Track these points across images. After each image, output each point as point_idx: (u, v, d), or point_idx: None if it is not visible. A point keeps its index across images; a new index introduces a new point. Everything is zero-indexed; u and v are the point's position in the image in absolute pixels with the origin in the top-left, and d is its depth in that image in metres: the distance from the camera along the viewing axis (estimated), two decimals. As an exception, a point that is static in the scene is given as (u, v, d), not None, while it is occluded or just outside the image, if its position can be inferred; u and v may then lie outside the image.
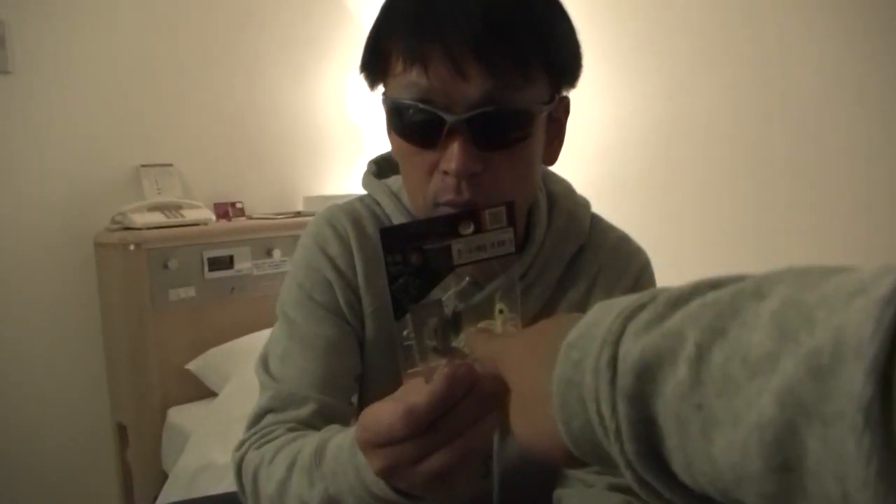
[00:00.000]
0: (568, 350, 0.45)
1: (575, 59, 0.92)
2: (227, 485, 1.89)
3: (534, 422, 0.50)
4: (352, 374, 1.02)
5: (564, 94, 0.95)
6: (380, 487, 0.71)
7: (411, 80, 0.84)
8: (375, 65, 0.91)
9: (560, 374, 0.45)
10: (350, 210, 1.06)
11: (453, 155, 0.84)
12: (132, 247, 2.56)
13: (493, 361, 0.59)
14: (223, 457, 2.18)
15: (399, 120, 0.89)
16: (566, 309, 1.03)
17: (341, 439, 0.79)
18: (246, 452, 0.95)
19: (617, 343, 0.41)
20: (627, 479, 0.42)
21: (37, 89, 2.64)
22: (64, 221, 2.71)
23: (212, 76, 3.04)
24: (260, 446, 0.93)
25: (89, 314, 2.76)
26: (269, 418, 0.97)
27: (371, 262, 1.02)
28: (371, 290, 1.02)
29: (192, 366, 2.64)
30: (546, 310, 1.03)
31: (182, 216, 2.74)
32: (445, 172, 0.86)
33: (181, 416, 2.59)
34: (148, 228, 2.62)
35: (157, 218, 2.69)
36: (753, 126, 2.34)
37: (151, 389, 2.62)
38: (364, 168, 1.12)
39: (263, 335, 2.64)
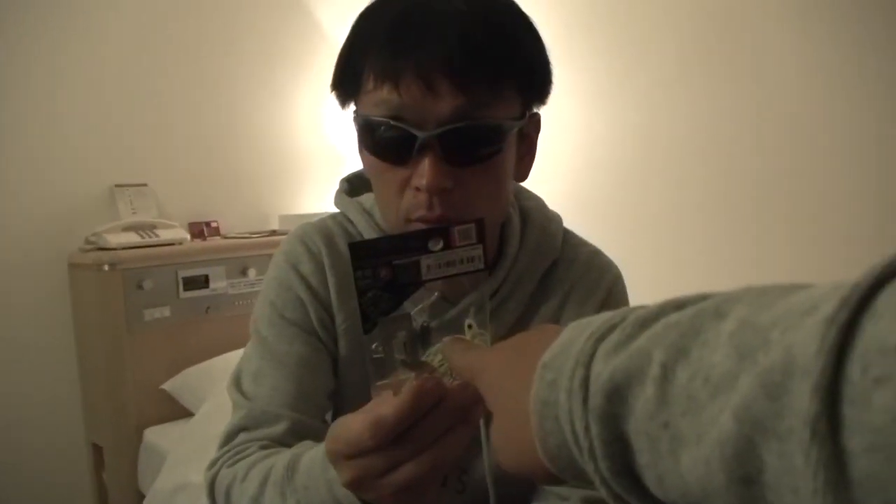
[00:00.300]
0: (543, 370, 0.46)
1: (545, 77, 0.93)
2: (204, 504, 1.88)
3: (513, 438, 0.51)
4: (325, 391, 1.02)
5: (535, 110, 0.96)
6: (349, 500, 0.72)
7: (382, 97, 0.85)
8: (347, 83, 0.91)
9: (536, 394, 0.46)
10: (322, 227, 1.07)
11: (424, 171, 0.85)
12: (106, 267, 2.55)
13: (471, 373, 0.60)
14: (200, 476, 2.12)
15: (370, 137, 0.90)
16: (540, 321, 1.04)
17: (314, 454, 0.80)
18: (219, 471, 0.95)
19: (589, 364, 0.42)
20: (603, 495, 0.43)
21: (10, 108, 2.64)
22: (37, 241, 2.70)
23: (187, 96, 3.05)
24: (233, 464, 0.94)
25: (63, 335, 2.75)
26: (242, 436, 0.97)
27: (343, 280, 1.03)
28: (344, 307, 1.03)
29: (167, 386, 2.63)
30: (519, 325, 1.04)
31: (157, 236, 2.74)
32: (417, 188, 0.87)
33: (157, 436, 2.57)
34: (122, 248, 2.62)
35: (132, 238, 2.68)
36: (728, 141, 2.37)
37: (127, 410, 2.61)
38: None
39: (239, 354, 2.61)
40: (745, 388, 0.34)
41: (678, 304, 0.42)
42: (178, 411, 2.62)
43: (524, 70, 0.89)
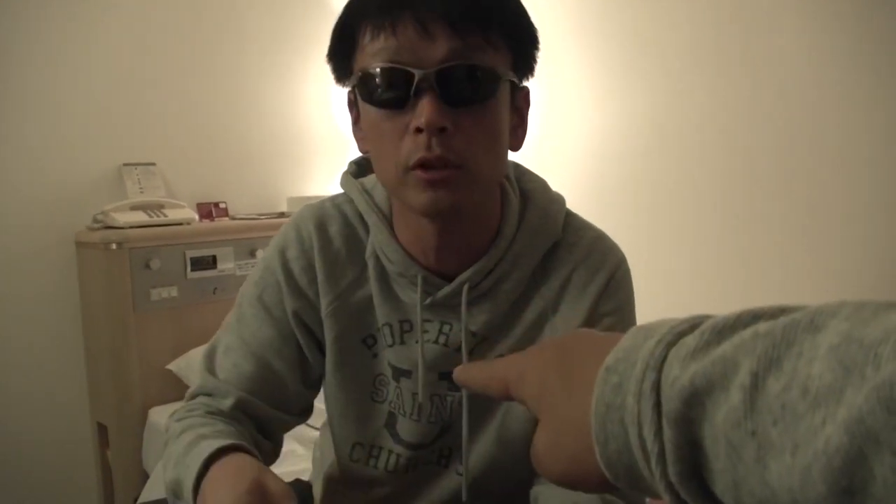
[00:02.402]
0: (607, 373, 0.45)
1: (532, 39, 0.96)
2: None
3: (563, 444, 0.50)
4: (291, 375, 1.06)
5: (524, 83, 0.99)
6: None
7: (380, 45, 0.88)
8: (344, 46, 0.94)
9: (599, 397, 0.45)
10: (318, 211, 1.09)
11: (423, 110, 0.87)
12: (114, 246, 2.55)
13: (505, 383, 0.58)
14: (204, 457, 2.16)
15: (368, 88, 0.92)
16: (539, 305, 1.04)
17: (205, 447, 0.88)
18: (171, 423, 1.02)
19: (660, 368, 0.42)
20: (666, 500, 0.42)
21: (18, 86, 2.63)
22: (45, 219, 2.70)
23: (196, 76, 3.03)
24: (180, 420, 1.01)
25: (70, 313, 2.75)
26: (200, 399, 1.04)
27: (333, 264, 1.06)
28: (332, 290, 1.05)
29: (173, 366, 2.63)
30: (517, 306, 1.04)
31: (165, 216, 2.74)
32: (417, 130, 0.88)
33: (162, 415, 2.57)
34: (130, 227, 2.61)
35: (140, 217, 2.68)
36: (742, 130, 2.35)
37: (132, 389, 2.61)
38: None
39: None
40: (857, 401, 0.33)
41: (755, 314, 0.42)
42: (183, 392, 2.58)
43: (514, 24, 0.93)
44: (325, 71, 0.97)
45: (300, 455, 2.05)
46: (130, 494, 2.56)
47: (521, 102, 1.00)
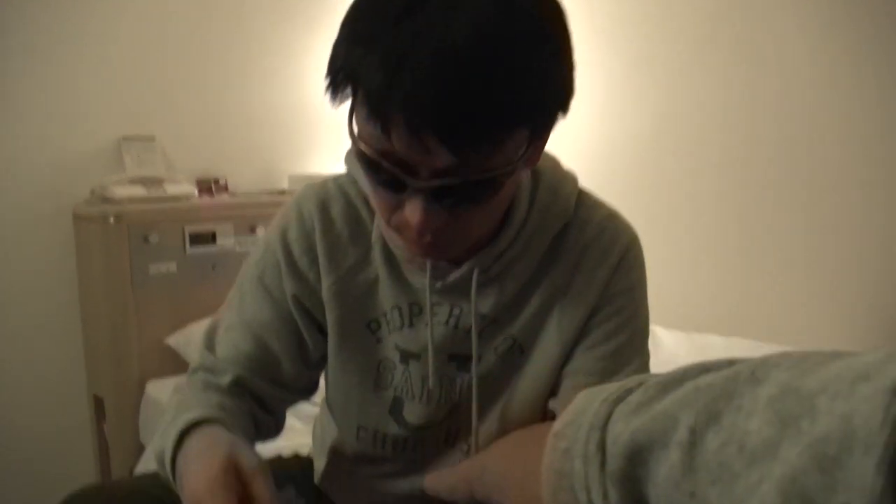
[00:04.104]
0: (555, 439, 0.44)
1: (561, 104, 0.86)
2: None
3: None
4: (290, 356, 1.06)
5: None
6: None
7: (374, 133, 0.80)
8: (340, 93, 0.87)
9: (549, 464, 0.44)
10: (320, 191, 1.08)
11: (416, 211, 0.83)
12: (112, 219, 2.53)
13: (468, 483, 0.58)
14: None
15: (362, 161, 0.86)
16: (550, 287, 1.04)
17: (185, 422, 0.89)
18: (173, 395, 1.06)
19: (604, 427, 0.41)
20: None
21: (16, 57, 2.60)
22: (42, 192, 2.68)
23: (198, 49, 3.00)
24: (177, 393, 1.05)
25: (67, 287, 2.74)
26: (199, 375, 1.05)
27: (335, 246, 1.05)
28: (334, 270, 1.04)
29: (171, 340, 2.62)
30: (528, 289, 1.04)
31: (164, 190, 2.72)
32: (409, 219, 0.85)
33: (160, 389, 2.57)
34: (129, 201, 2.60)
35: (138, 191, 2.66)
36: (746, 123, 2.34)
37: (130, 363, 2.61)
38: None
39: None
40: (790, 458, 0.32)
41: (704, 368, 0.40)
42: (182, 366, 2.59)
43: (535, 111, 0.82)
44: (330, 45, 0.93)
45: (298, 430, 2.04)
46: (127, 467, 2.57)
47: (536, 150, 0.91)
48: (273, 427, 1.08)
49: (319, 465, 1.21)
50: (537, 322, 1.04)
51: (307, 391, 1.13)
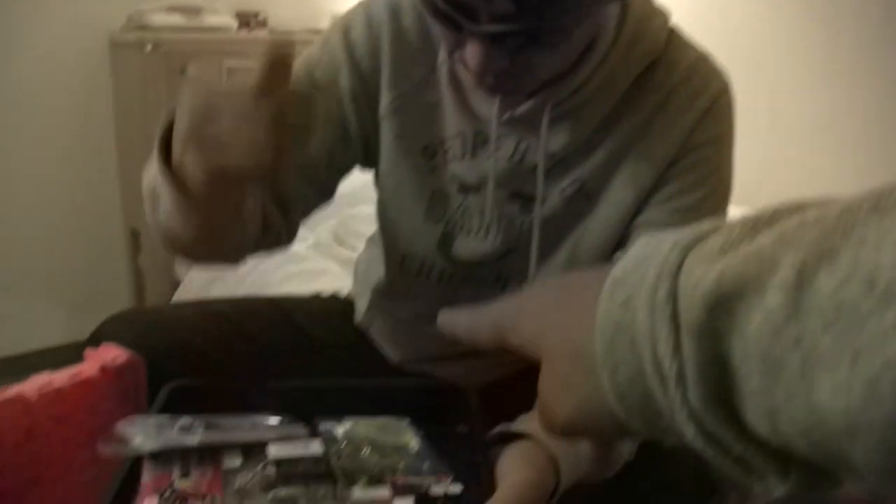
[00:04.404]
0: (613, 288, 0.39)
1: None
2: (242, 294, 1.86)
3: (569, 386, 0.43)
4: (321, 152, 0.98)
5: None
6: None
7: None
8: None
9: (605, 315, 0.38)
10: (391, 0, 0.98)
11: (475, 54, 0.78)
12: (149, 47, 2.44)
13: (500, 330, 0.50)
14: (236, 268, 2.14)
15: None
16: (627, 130, 0.95)
17: None
18: None
19: (676, 275, 0.35)
20: (688, 435, 0.36)
21: None
22: (77, 19, 2.58)
23: None
24: None
25: (104, 117, 2.67)
26: None
27: (403, 57, 0.97)
28: (398, 85, 0.97)
29: (207, 176, 2.56)
30: (604, 129, 0.96)
31: (202, 21, 2.61)
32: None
33: (195, 226, 2.53)
34: (166, 29, 2.49)
35: (176, 20, 2.55)
36: None
37: (166, 197, 2.55)
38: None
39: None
40: None
41: (799, 206, 0.34)
42: (218, 203, 2.56)
43: None
44: None
45: (336, 274, 2.02)
46: (162, 300, 2.57)
47: None
48: (284, 233, 0.99)
49: (361, 304, 1.18)
50: (610, 166, 0.96)
51: (325, 195, 1.05)
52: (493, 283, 1.03)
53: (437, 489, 0.66)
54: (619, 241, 0.98)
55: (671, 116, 0.94)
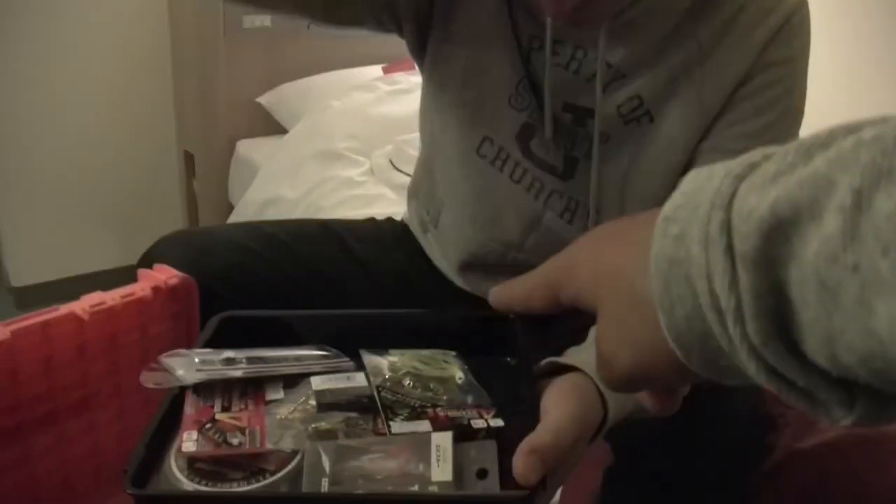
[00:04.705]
0: (665, 225, 0.37)
1: None
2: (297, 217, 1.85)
3: (627, 332, 0.42)
4: None
5: None
6: None
7: None
8: None
9: (658, 253, 0.37)
10: None
11: None
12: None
13: (556, 283, 0.49)
14: (292, 192, 2.14)
15: None
16: (692, 45, 0.90)
17: None
18: None
19: (729, 205, 0.34)
20: (750, 371, 0.34)
21: None
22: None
23: None
24: None
25: (158, 38, 2.65)
26: None
27: None
28: None
29: (263, 99, 2.55)
30: (666, 42, 0.90)
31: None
32: None
33: (250, 149, 2.53)
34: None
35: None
36: None
37: (219, 120, 2.55)
38: None
39: (339, 75, 2.53)
40: None
41: (854, 127, 0.32)
42: (272, 127, 2.55)
43: None
44: None
45: (390, 199, 2.01)
46: (215, 223, 2.58)
47: None
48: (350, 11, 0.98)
49: (426, 212, 1.15)
50: (673, 85, 0.91)
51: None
52: (559, 216, 1.00)
53: (479, 423, 0.64)
54: (684, 167, 0.93)
55: (740, 34, 0.89)
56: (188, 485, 0.57)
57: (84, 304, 0.83)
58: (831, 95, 1.84)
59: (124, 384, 0.88)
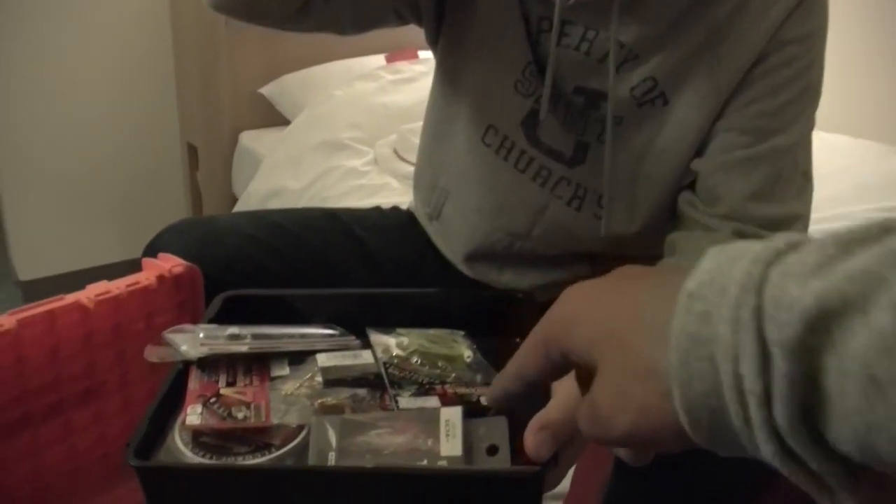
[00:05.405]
0: (689, 301, 0.38)
1: None
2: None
3: (631, 396, 0.42)
4: None
5: None
6: None
7: None
8: None
9: (680, 328, 0.38)
10: None
11: None
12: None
13: (550, 335, 0.47)
14: (296, 183, 2.12)
15: None
16: (706, 26, 0.88)
17: None
18: None
19: (760, 291, 0.35)
20: (765, 452, 0.36)
21: None
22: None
23: None
24: None
25: (160, 30, 2.63)
26: None
27: None
28: None
29: (265, 90, 2.53)
30: (679, 22, 0.88)
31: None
32: None
33: (253, 140, 2.52)
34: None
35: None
36: None
37: (222, 111, 2.53)
38: None
39: (341, 65, 2.52)
40: None
41: (889, 226, 0.34)
42: (275, 117, 2.53)
43: None
44: None
45: (395, 189, 1.99)
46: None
47: None
48: (346, 13, 0.96)
49: (429, 202, 1.13)
50: (688, 65, 0.90)
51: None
52: (567, 203, 0.99)
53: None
54: (697, 148, 0.92)
55: (756, 12, 0.88)
56: (192, 458, 0.56)
57: (89, 294, 0.84)
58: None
59: (131, 374, 0.88)
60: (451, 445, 0.58)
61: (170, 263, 0.91)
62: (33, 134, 2.47)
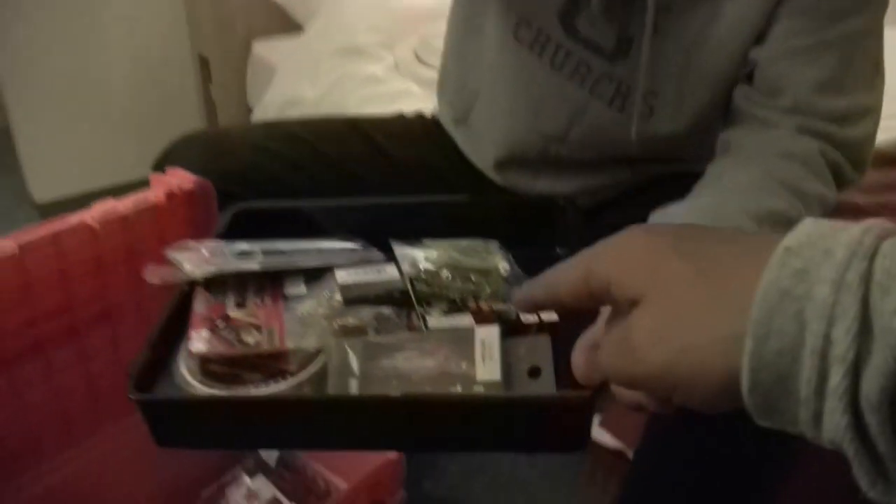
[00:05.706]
0: (787, 256, 0.36)
1: None
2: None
3: (674, 334, 0.39)
4: None
5: None
6: None
7: None
8: None
9: (772, 281, 0.36)
10: None
11: None
12: None
13: (617, 264, 0.43)
14: (312, 91, 2.05)
15: None
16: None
17: None
18: None
19: (872, 258, 0.34)
20: (829, 424, 0.34)
21: None
22: None
23: None
24: None
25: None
26: None
27: None
28: None
29: (279, -5, 2.44)
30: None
31: None
32: None
33: (266, 49, 2.43)
34: None
35: None
36: None
37: (233, 20, 2.45)
38: None
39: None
40: None
41: None
42: (288, 25, 2.44)
43: None
44: None
45: (417, 95, 1.92)
46: (235, 130, 2.52)
47: None
48: None
49: (456, 106, 1.07)
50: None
51: None
52: (608, 104, 0.92)
53: (530, 316, 0.57)
54: (756, 35, 0.85)
55: None
56: (200, 388, 0.51)
57: (94, 213, 0.82)
58: None
59: (146, 295, 0.86)
60: (488, 369, 0.52)
61: (179, 179, 0.88)
62: (40, 53, 2.39)
